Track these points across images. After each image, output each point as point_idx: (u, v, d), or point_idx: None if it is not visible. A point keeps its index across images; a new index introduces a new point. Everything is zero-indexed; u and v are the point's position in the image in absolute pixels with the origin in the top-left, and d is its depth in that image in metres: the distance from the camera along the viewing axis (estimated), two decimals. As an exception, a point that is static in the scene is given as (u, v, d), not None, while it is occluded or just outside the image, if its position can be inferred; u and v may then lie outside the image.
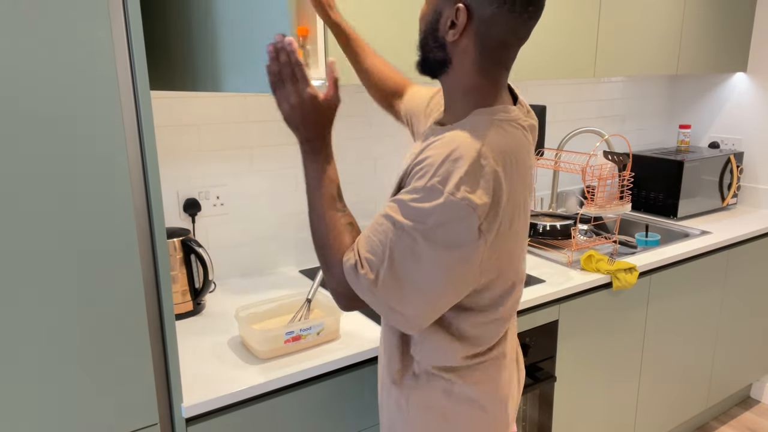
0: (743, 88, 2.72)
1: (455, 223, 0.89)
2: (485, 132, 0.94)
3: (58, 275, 0.99)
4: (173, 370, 1.14)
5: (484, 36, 0.94)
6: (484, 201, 0.89)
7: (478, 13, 0.93)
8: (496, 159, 0.92)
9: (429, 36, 1.00)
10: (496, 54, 0.96)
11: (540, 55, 1.93)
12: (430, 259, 0.90)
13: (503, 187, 0.92)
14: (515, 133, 0.98)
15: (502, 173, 0.92)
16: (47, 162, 0.95)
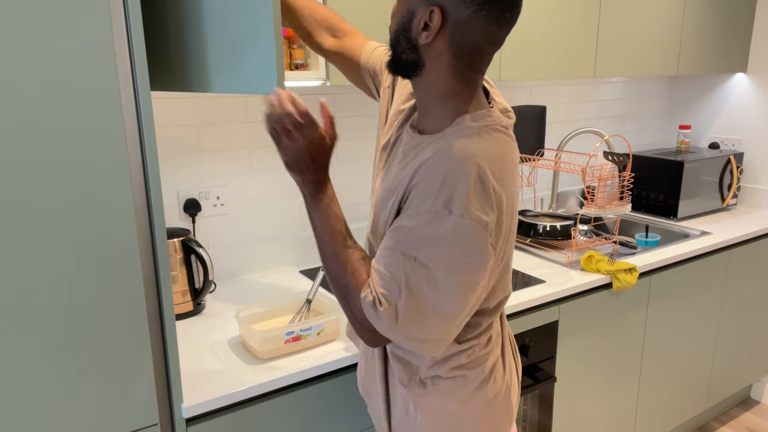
0: (743, 88, 2.72)
1: (469, 243, 0.88)
2: (476, 143, 0.92)
3: (59, 275, 0.99)
4: (173, 370, 1.14)
5: (459, 41, 0.92)
6: (492, 217, 0.89)
7: (453, 16, 0.90)
8: (492, 170, 0.91)
9: (401, 36, 0.96)
10: (470, 59, 0.94)
11: (540, 55, 1.93)
12: (448, 284, 0.89)
13: (503, 197, 0.92)
14: (500, 137, 0.96)
15: (500, 183, 0.92)
16: (47, 162, 0.95)
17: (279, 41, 0.95)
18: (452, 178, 0.88)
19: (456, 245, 0.87)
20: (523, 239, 2.16)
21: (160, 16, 1.22)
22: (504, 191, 0.92)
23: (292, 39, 1.51)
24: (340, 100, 1.94)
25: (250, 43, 1.00)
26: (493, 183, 0.90)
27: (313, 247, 1.97)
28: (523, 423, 1.81)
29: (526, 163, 2.21)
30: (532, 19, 1.88)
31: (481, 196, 0.88)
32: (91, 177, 0.99)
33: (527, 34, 1.88)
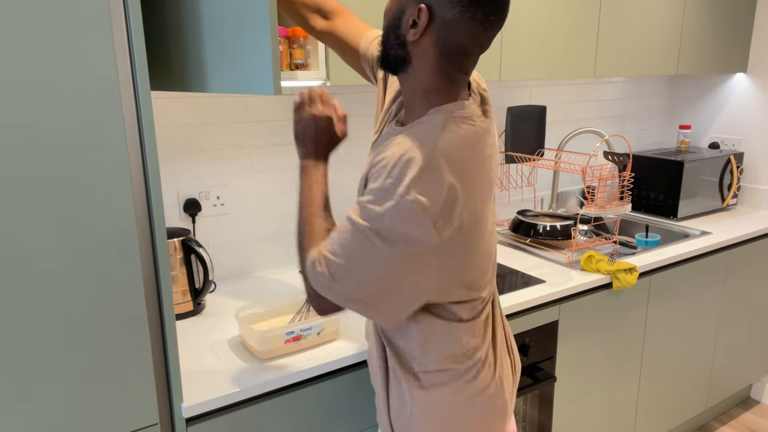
0: (743, 88, 2.72)
1: (408, 223, 0.91)
2: (439, 131, 0.95)
3: (59, 275, 0.99)
4: (173, 370, 1.14)
5: (444, 40, 0.95)
6: (436, 202, 0.91)
7: (439, 15, 0.93)
8: (449, 160, 0.93)
9: (391, 32, 1.00)
10: (455, 59, 0.97)
11: (540, 55, 1.93)
12: (386, 257, 0.92)
13: (457, 188, 0.93)
14: (467, 128, 0.98)
15: (456, 174, 0.93)
16: (48, 162, 0.95)
17: (275, 42, 0.96)
18: (404, 161, 0.92)
19: (397, 223, 0.91)
20: (523, 239, 2.16)
21: (159, 16, 1.22)
22: (461, 183, 0.94)
23: (292, 39, 1.51)
24: (340, 99, 1.94)
25: (247, 43, 1.00)
26: (445, 172, 0.92)
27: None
28: (523, 423, 1.81)
29: (526, 163, 2.21)
30: (532, 19, 1.88)
31: (428, 181, 0.91)
32: (91, 177, 0.99)
33: (527, 35, 1.88)
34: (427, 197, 0.91)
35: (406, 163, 0.91)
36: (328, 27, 1.28)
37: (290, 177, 1.89)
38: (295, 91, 1.84)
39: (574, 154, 2.31)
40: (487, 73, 1.81)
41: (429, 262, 0.95)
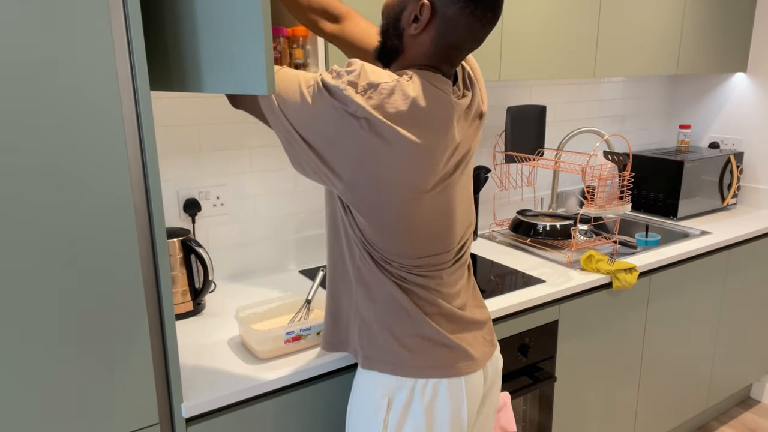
0: (743, 88, 2.72)
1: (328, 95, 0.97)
2: (406, 78, 1.00)
3: (59, 275, 0.99)
4: (173, 370, 1.14)
5: (443, 35, 1.01)
6: (357, 95, 0.96)
7: (441, 11, 0.99)
8: (386, 95, 0.97)
9: (390, 25, 1.06)
10: (449, 53, 1.03)
11: (540, 55, 1.93)
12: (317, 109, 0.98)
13: (392, 126, 0.97)
14: (430, 87, 1.01)
15: (399, 109, 0.97)
16: (47, 162, 0.95)
17: (268, 42, 0.96)
18: (352, 68, 0.99)
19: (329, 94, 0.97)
20: (522, 239, 2.16)
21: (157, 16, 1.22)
22: (400, 121, 0.97)
23: (292, 39, 1.51)
24: (340, 100, 1.94)
25: (240, 43, 1.00)
26: (386, 100, 0.96)
27: (313, 247, 1.98)
28: (523, 423, 1.81)
29: (525, 162, 2.21)
30: (532, 19, 1.88)
31: (360, 83, 0.97)
32: (91, 177, 0.99)
33: (527, 34, 1.88)
34: (351, 91, 0.96)
35: (352, 69, 0.97)
36: (339, 30, 1.30)
37: (290, 177, 1.89)
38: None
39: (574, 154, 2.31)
40: (487, 73, 1.81)
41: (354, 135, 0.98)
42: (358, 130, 0.96)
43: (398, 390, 1.12)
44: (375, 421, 1.13)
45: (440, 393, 1.13)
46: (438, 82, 1.03)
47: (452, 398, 1.13)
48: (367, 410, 1.15)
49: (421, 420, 1.12)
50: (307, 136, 1.00)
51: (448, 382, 1.13)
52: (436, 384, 1.12)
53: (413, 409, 1.12)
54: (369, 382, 1.15)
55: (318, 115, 0.98)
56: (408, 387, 1.12)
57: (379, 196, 1.02)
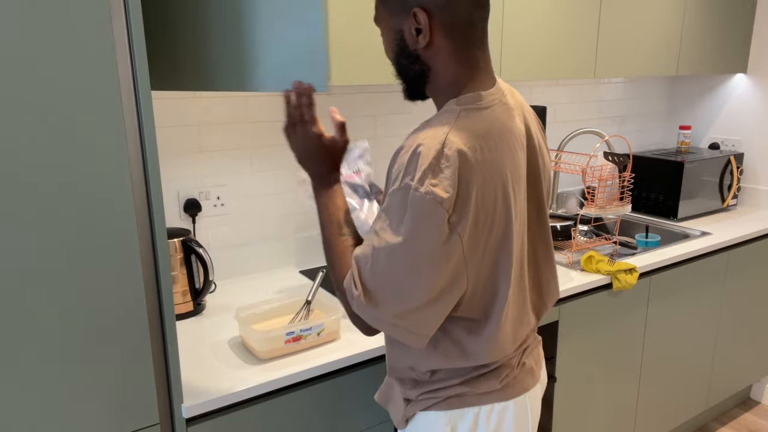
0: (743, 89, 2.72)
1: (424, 218, 0.88)
2: (449, 123, 0.92)
3: (59, 275, 0.99)
4: (173, 370, 1.14)
5: (450, 22, 0.94)
6: (450, 193, 0.88)
7: (434, 5, 0.93)
8: (461, 144, 0.90)
9: (401, 58, 0.99)
10: (465, 34, 0.96)
11: (540, 55, 1.93)
12: (409, 260, 0.89)
13: (473, 174, 0.90)
14: (481, 116, 0.95)
15: (471, 157, 0.90)
16: (48, 162, 0.95)
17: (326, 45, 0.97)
18: (416, 155, 0.89)
19: (414, 219, 0.88)
20: (523, 239, 2.15)
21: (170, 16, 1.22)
22: (473, 170, 0.90)
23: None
24: (340, 100, 1.94)
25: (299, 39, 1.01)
26: (456, 159, 0.89)
27: (312, 247, 1.97)
28: (523, 423, 1.81)
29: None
30: (532, 19, 1.88)
31: (441, 173, 0.88)
32: (91, 177, 0.99)
33: (527, 35, 1.88)
34: (441, 189, 0.87)
35: (418, 156, 0.89)
36: None
37: (290, 177, 1.89)
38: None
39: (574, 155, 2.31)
40: (488, 74, 1.81)
41: (450, 262, 0.91)
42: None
43: (461, 419, 1.05)
44: None
45: (507, 418, 1.05)
46: (483, 111, 0.96)
47: (518, 421, 1.07)
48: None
49: None
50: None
51: (514, 403, 1.06)
52: (502, 409, 1.05)
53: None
54: (429, 416, 1.07)
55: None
56: (471, 415, 1.04)
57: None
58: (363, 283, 0.93)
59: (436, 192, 0.87)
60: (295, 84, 1.01)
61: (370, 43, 1.55)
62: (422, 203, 0.87)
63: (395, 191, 0.90)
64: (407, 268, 0.89)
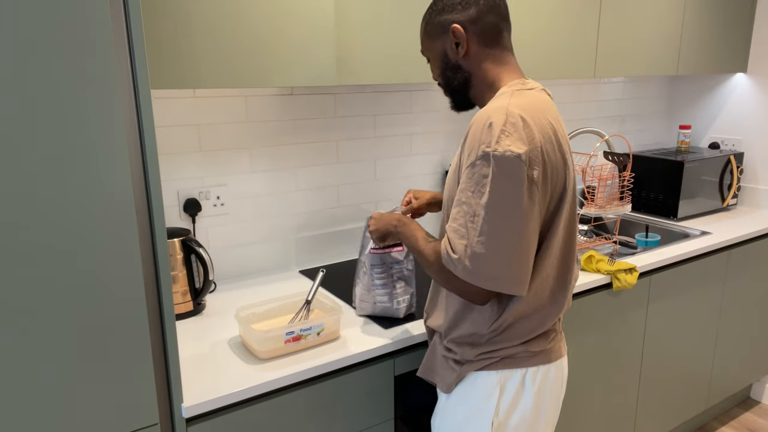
0: (743, 88, 2.72)
1: (508, 173, 1.02)
2: (507, 99, 1.09)
3: (59, 275, 0.99)
4: (173, 370, 1.14)
5: (481, 32, 1.15)
6: (524, 148, 1.02)
7: (467, 19, 1.14)
8: (522, 114, 1.05)
9: (447, 72, 1.19)
10: (496, 40, 1.16)
11: (540, 55, 1.93)
12: (501, 215, 1.03)
13: (535, 133, 1.05)
14: (530, 93, 1.12)
15: (531, 122, 1.05)
16: (47, 162, 0.95)
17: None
18: (487, 126, 1.04)
19: (498, 177, 1.02)
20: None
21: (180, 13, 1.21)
22: (537, 130, 1.05)
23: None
24: (340, 99, 1.94)
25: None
26: (522, 123, 1.04)
27: (313, 247, 1.98)
28: (523, 423, 1.81)
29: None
30: (532, 20, 1.88)
31: (512, 133, 1.03)
32: (91, 177, 0.99)
33: (527, 35, 1.88)
34: (516, 146, 1.02)
35: (490, 128, 1.04)
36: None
37: (290, 177, 1.89)
38: (301, 88, 1.84)
39: (574, 154, 2.31)
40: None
41: (529, 210, 1.05)
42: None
43: (510, 379, 1.19)
44: (487, 407, 1.19)
45: (549, 379, 1.21)
46: (530, 91, 1.13)
47: (556, 382, 1.23)
48: (479, 399, 1.20)
49: (529, 406, 1.19)
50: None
51: (555, 366, 1.22)
52: (546, 370, 1.21)
53: (524, 396, 1.19)
54: (481, 376, 1.21)
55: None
56: (519, 375, 1.19)
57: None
58: (464, 249, 1.05)
59: (513, 149, 1.02)
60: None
61: (371, 43, 1.55)
62: (504, 160, 1.01)
63: (474, 163, 1.04)
64: (502, 221, 1.03)
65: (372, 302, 1.49)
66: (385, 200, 2.12)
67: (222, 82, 1.36)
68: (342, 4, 1.48)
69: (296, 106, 1.86)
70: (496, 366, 1.18)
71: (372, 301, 1.49)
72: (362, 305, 1.52)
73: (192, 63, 1.31)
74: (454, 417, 1.25)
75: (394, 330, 1.46)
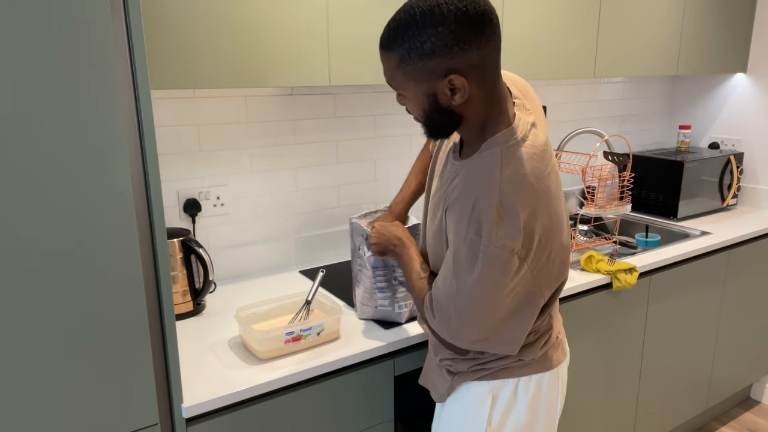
0: (743, 88, 2.72)
1: (498, 265, 0.99)
2: (498, 170, 1.00)
3: (59, 275, 0.99)
4: (173, 370, 1.14)
5: (482, 75, 0.98)
6: (518, 240, 0.98)
7: (468, 65, 0.95)
8: (516, 195, 0.99)
9: (434, 114, 1.02)
10: (492, 77, 1.01)
11: (540, 55, 1.93)
12: (487, 296, 1.01)
13: (531, 216, 1.00)
14: (522, 153, 1.03)
15: (524, 200, 0.99)
16: (48, 162, 0.95)
17: None
18: (477, 209, 0.99)
19: (487, 266, 0.99)
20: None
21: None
22: (533, 203, 1.00)
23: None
24: (340, 99, 1.94)
25: None
26: (519, 209, 0.98)
27: (313, 247, 1.98)
28: (523, 423, 1.81)
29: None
30: (533, 20, 1.88)
31: (505, 224, 0.98)
32: (91, 177, 0.99)
33: (527, 34, 1.88)
34: (511, 239, 0.98)
35: (479, 212, 0.99)
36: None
37: (290, 177, 1.89)
38: (298, 90, 1.84)
39: (574, 154, 2.31)
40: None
41: (527, 283, 1.04)
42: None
43: (502, 388, 1.18)
44: (478, 418, 1.19)
45: (542, 387, 1.20)
46: (520, 145, 1.04)
47: (550, 390, 1.21)
48: (470, 409, 1.20)
49: (523, 415, 1.18)
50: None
51: (549, 375, 1.20)
52: (539, 378, 1.19)
53: (517, 405, 1.19)
54: (472, 386, 1.20)
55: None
56: (512, 384, 1.18)
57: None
58: (447, 320, 1.06)
59: (506, 243, 0.98)
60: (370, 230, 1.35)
61: (370, 43, 1.55)
62: (496, 255, 0.98)
63: (462, 245, 1.01)
64: (486, 302, 1.02)
65: (373, 306, 1.49)
66: (386, 200, 2.12)
67: (221, 82, 1.36)
68: (338, 5, 1.48)
69: (296, 106, 1.86)
70: (488, 376, 1.18)
71: (373, 305, 1.48)
72: (363, 309, 1.51)
73: (192, 63, 1.31)
74: (448, 426, 1.24)
75: (394, 330, 1.46)
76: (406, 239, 1.28)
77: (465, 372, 1.20)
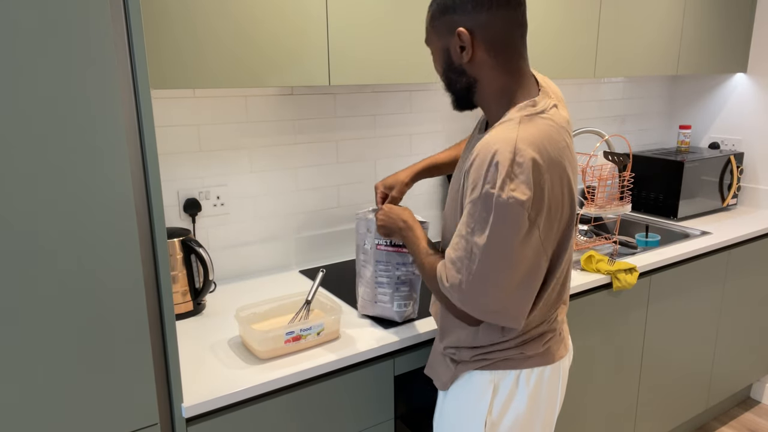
0: (743, 88, 2.72)
1: (509, 219, 1.01)
2: (515, 130, 1.04)
3: (59, 275, 0.99)
4: (173, 370, 1.14)
5: (491, 40, 1.07)
6: (528, 194, 1.00)
7: (476, 25, 1.06)
8: (529, 152, 1.01)
9: (449, 73, 1.13)
10: (507, 49, 1.08)
11: (540, 55, 1.93)
12: (498, 256, 1.03)
13: (543, 175, 1.02)
14: (541, 122, 1.06)
15: (541, 160, 1.02)
16: (47, 162, 0.95)
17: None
18: (493, 164, 1.01)
19: (499, 221, 1.01)
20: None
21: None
22: (543, 171, 1.02)
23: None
24: (340, 99, 1.94)
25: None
26: (532, 164, 1.01)
27: (313, 247, 1.98)
28: (523, 423, 1.81)
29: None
30: (533, 20, 1.88)
31: (518, 176, 1.00)
32: (91, 177, 0.99)
33: (527, 35, 1.88)
34: (520, 192, 1.00)
35: (496, 166, 1.01)
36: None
37: (290, 177, 1.89)
38: (298, 89, 1.84)
39: (574, 154, 2.31)
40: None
41: (533, 251, 1.05)
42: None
43: (504, 378, 1.20)
44: (479, 406, 1.20)
45: (543, 380, 1.21)
46: (539, 116, 1.07)
47: (551, 384, 1.22)
48: (472, 398, 1.21)
49: (523, 407, 1.20)
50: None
51: (551, 368, 1.22)
52: (540, 372, 1.20)
53: (518, 396, 1.20)
54: (475, 375, 1.22)
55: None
56: (513, 376, 1.19)
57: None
58: (459, 282, 1.07)
59: (516, 195, 1.00)
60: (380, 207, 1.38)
61: (370, 43, 1.55)
62: (506, 206, 1.00)
63: (476, 199, 1.03)
64: (497, 263, 1.03)
65: (373, 302, 1.49)
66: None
67: (222, 82, 1.36)
68: (338, 4, 1.48)
69: (296, 106, 1.86)
70: (491, 366, 1.20)
71: (373, 300, 1.49)
72: (364, 303, 1.51)
73: (192, 63, 1.31)
74: (450, 414, 1.26)
75: (394, 330, 1.46)
76: (411, 222, 1.30)
77: (468, 361, 1.21)
